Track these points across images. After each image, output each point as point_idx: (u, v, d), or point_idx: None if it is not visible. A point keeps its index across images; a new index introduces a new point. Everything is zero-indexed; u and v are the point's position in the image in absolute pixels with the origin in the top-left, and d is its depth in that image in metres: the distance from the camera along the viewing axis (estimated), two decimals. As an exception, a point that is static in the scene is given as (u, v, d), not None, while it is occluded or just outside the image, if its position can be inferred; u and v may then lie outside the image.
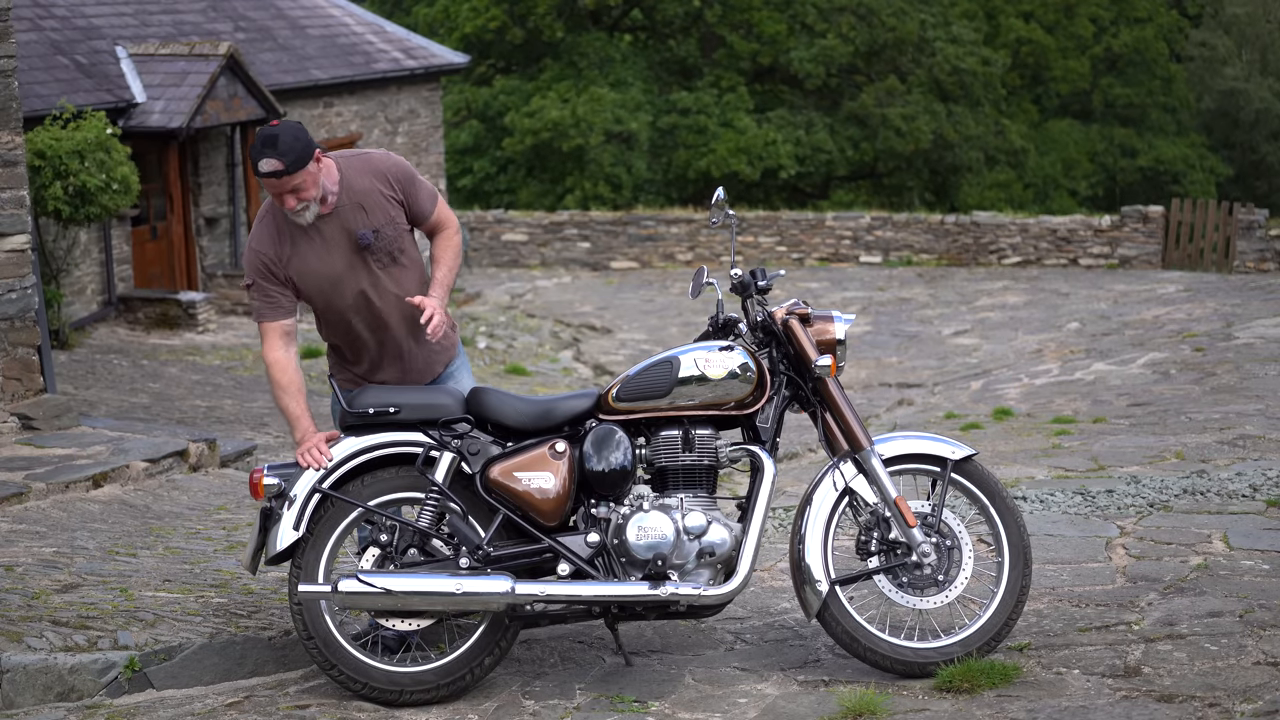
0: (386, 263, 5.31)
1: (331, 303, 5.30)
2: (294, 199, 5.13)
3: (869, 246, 25.01)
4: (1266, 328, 14.84)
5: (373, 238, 5.25)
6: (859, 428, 5.13)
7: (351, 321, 5.33)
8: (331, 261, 5.25)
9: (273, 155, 5.05)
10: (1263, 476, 7.66)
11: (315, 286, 5.27)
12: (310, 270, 5.24)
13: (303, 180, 5.11)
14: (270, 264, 5.23)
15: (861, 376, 15.73)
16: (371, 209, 5.27)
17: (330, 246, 5.24)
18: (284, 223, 5.24)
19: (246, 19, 20.75)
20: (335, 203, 5.24)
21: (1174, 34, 40.54)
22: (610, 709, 4.93)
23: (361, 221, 5.25)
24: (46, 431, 8.89)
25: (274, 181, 5.09)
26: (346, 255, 5.25)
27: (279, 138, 5.07)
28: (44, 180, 14.44)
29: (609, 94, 32.23)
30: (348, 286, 5.27)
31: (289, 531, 5.02)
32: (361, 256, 5.26)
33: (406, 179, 5.35)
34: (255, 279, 5.26)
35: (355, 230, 5.24)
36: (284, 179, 5.08)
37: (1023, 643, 5.26)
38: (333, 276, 5.25)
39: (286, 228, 5.24)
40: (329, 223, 5.24)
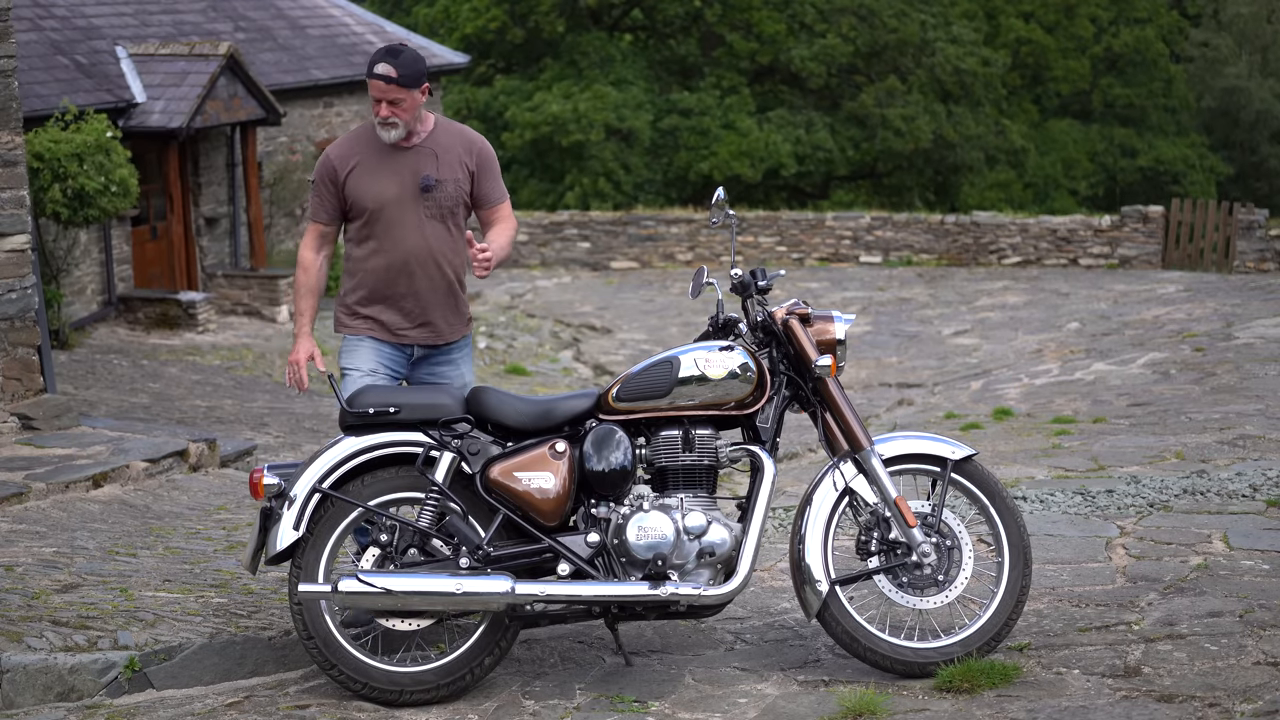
0: (435, 214, 5.56)
1: (373, 226, 5.54)
2: (389, 109, 5.43)
3: (869, 246, 25.01)
4: (1266, 328, 14.84)
5: (434, 184, 5.52)
6: (859, 428, 5.13)
7: (381, 248, 5.55)
8: (388, 185, 5.52)
9: (391, 62, 5.41)
10: (1263, 476, 7.66)
11: (362, 205, 5.54)
12: (365, 183, 5.51)
13: (404, 98, 5.43)
14: (334, 169, 5.54)
15: (861, 376, 15.73)
16: (444, 163, 5.56)
17: (393, 174, 5.52)
18: (364, 141, 5.56)
19: (246, 19, 20.75)
20: (416, 143, 5.55)
21: (1174, 34, 40.55)
22: (610, 709, 4.93)
23: (431, 167, 5.54)
24: (46, 431, 8.89)
25: (381, 86, 5.41)
26: (403, 188, 5.52)
27: (402, 52, 5.46)
28: (43, 183, 14.44)
29: (611, 91, 32.24)
30: (392, 213, 5.53)
31: (289, 531, 5.02)
32: (417, 197, 5.53)
33: (486, 159, 5.67)
34: (316, 178, 5.62)
35: (422, 172, 5.52)
36: (391, 87, 5.40)
37: (1023, 643, 5.26)
38: (382, 198, 5.53)
39: (364, 145, 5.56)
40: (403, 156, 5.53)
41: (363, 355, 5.64)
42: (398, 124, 5.47)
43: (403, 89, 5.42)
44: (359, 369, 5.61)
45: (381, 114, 5.45)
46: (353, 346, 5.68)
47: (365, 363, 5.61)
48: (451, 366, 5.76)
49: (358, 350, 5.66)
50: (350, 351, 5.69)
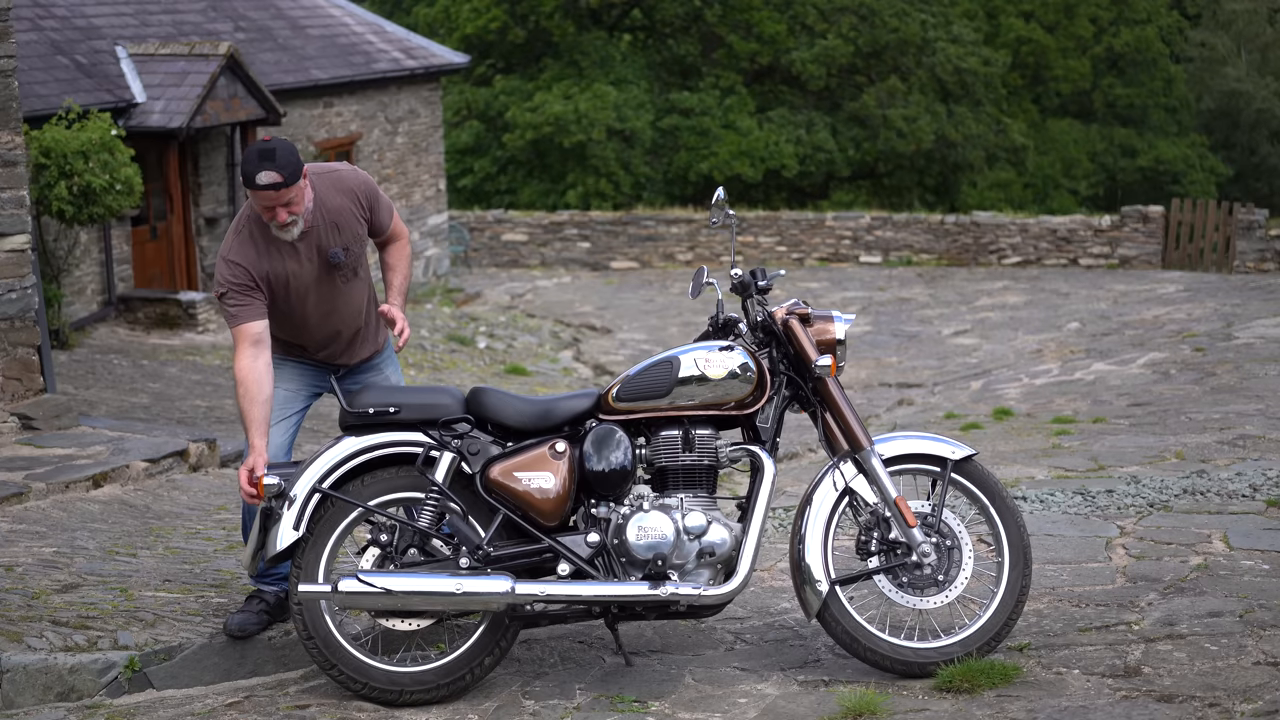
0: (350, 277, 5.50)
1: (295, 310, 5.44)
2: (286, 212, 5.21)
3: (869, 246, 25.02)
4: (1266, 328, 14.84)
5: (344, 256, 5.43)
6: (859, 428, 5.13)
7: (307, 326, 5.50)
8: (304, 276, 5.38)
9: (272, 168, 5.12)
10: (1263, 476, 7.66)
11: (284, 296, 5.39)
12: (283, 283, 5.36)
13: (295, 194, 5.21)
14: (248, 274, 5.29)
15: (861, 376, 15.73)
16: (343, 227, 5.43)
17: (304, 261, 5.37)
18: (261, 236, 5.33)
19: (246, 19, 20.75)
20: (311, 221, 5.36)
21: (1173, 34, 40.55)
22: (610, 709, 4.93)
23: (334, 240, 5.41)
24: (46, 431, 8.88)
25: (271, 194, 5.16)
26: (317, 270, 5.40)
27: (276, 151, 5.14)
28: (49, 179, 14.45)
29: (612, 92, 32.24)
30: (313, 298, 5.43)
31: (289, 531, 5.02)
32: (330, 272, 5.43)
33: (372, 196, 5.51)
34: (229, 288, 5.30)
35: (328, 248, 5.39)
36: (281, 191, 5.16)
37: (1023, 643, 5.26)
38: (302, 290, 5.40)
39: (263, 241, 5.33)
40: (304, 239, 5.36)
41: (284, 373, 5.56)
42: (297, 219, 5.26)
43: (292, 188, 5.18)
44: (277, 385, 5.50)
45: (281, 220, 5.21)
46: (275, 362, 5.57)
47: (284, 380, 5.55)
48: (375, 372, 5.75)
49: (280, 367, 5.55)
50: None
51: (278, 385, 5.49)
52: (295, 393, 5.63)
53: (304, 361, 5.65)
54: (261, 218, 5.30)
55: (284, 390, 5.59)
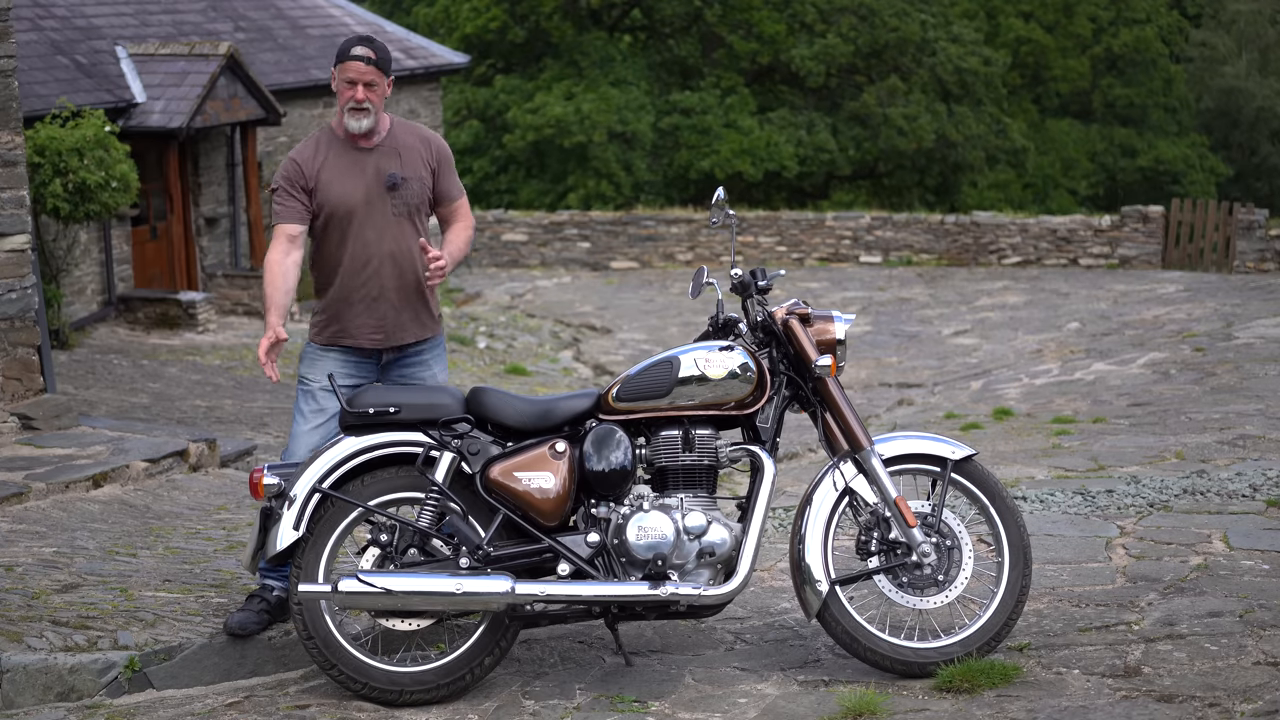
0: (402, 213, 5.55)
1: (343, 228, 5.52)
2: (364, 92, 5.42)
3: (869, 246, 25.01)
4: (1266, 328, 14.84)
5: (400, 181, 5.51)
6: (859, 428, 5.13)
7: (353, 254, 5.52)
8: (354, 187, 5.50)
9: (367, 45, 5.46)
10: (1263, 476, 7.66)
11: (332, 207, 5.51)
12: (334, 189, 5.49)
13: (376, 81, 5.44)
14: (300, 171, 5.50)
15: (861, 376, 15.73)
16: (407, 161, 5.56)
17: (359, 174, 5.50)
18: (327, 144, 5.54)
19: (246, 19, 20.75)
20: (378, 142, 5.54)
21: (1173, 34, 40.55)
22: (610, 709, 4.93)
23: (395, 165, 5.54)
24: (46, 431, 8.88)
25: (360, 67, 5.41)
26: (370, 188, 5.50)
27: (375, 40, 5.51)
28: (44, 177, 14.44)
29: (614, 93, 32.24)
30: (361, 217, 5.50)
31: (289, 531, 5.03)
32: (383, 196, 5.51)
33: (445, 157, 5.68)
34: (280, 183, 5.54)
35: (387, 170, 5.51)
36: (369, 69, 5.42)
37: (1023, 643, 5.26)
38: (351, 202, 5.50)
39: (327, 148, 5.53)
40: (366, 155, 5.52)
41: (327, 366, 5.57)
42: (369, 110, 5.45)
43: (378, 72, 5.44)
44: (317, 380, 5.57)
45: (357, 97, 5.41)
46: (315, 356, 5.63)
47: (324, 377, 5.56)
48: (423, 367, 5.71)
49: (321, 361, 5.60)
50: (313, 361, 5.63)
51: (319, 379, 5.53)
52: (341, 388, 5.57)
53: (347, 353, 5.59)
54: (333, 132, 5.53)
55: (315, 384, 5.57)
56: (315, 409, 5.56)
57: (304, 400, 5.60)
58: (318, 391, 5.56)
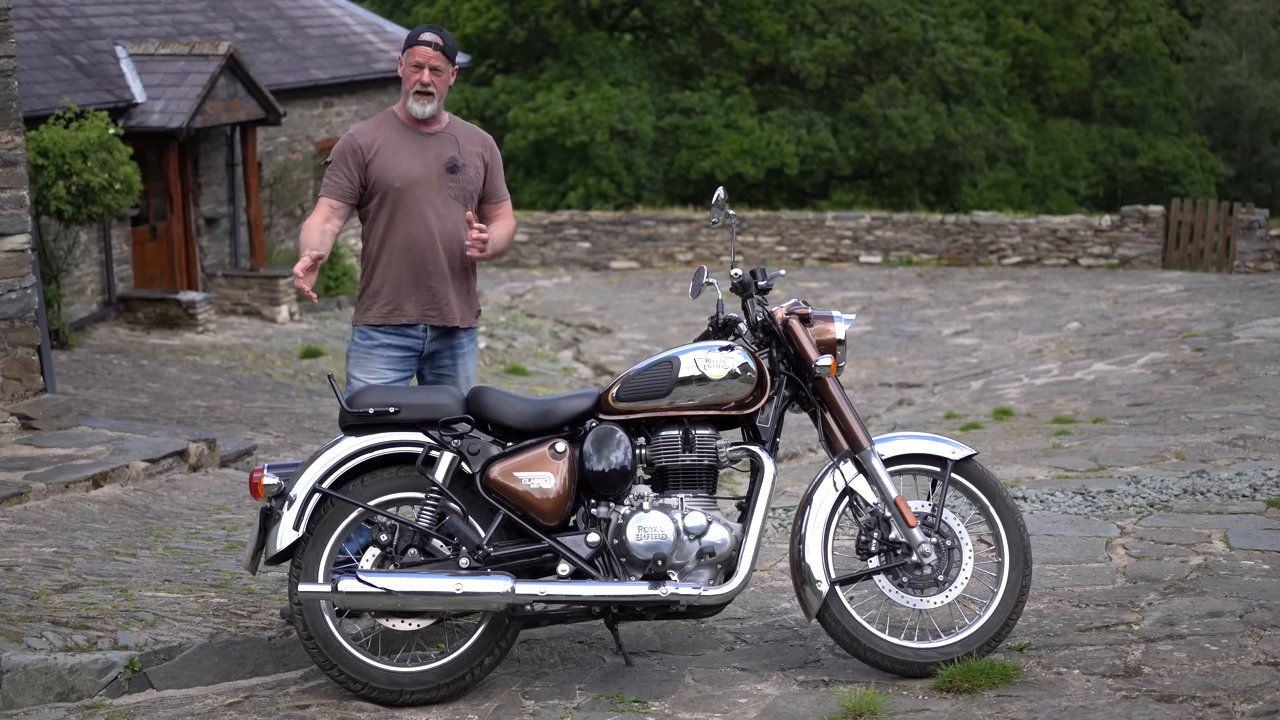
0: (459, 196, 5.66)
1: (396, 203, 5.59)
2: (431, 75, 5.56)
3: (869, 246, 25.01)
4: (1266, 328, 14.84)
5: (460, 165, 5.66)
6: (859, 428, 5.13)
7: (407, 228, 5.60)
8: (414, 165, 5.61)
9: (436, 32, 5.62)
10: (1263, 476, 7.66)
11: (388, 183, 5.59)
12: (391, 162, 5.59)
13: (443, 67, 5.59)
14: (356, 146, 5.61)
15: (861, 376, 15.73)
16: (465, 149, 5.71)
17: (420, 153, 5.62)
18: (388, 125, 5.66)
19: (246, 19, 20.75)
20: (439, 130, 5.69)
21: (1173, 34, 40.55)
22: (610, 709, 4.93)
23: (454, 150, 5.68)
24: (46, 431, 8.88)
25: (428, 51, 5.56)
26: (429, 167, 5.62)
27: (444, 30, 5.67)
28: (47, 179, 14.44)
29: (616, 93, 32.24)
30: (419, 192, 5.60)
31: (289, 531, 5.02)
32: (442, 177, 5.63)
33: (497, 156, 5.86)
34: (334, 157, 5.66)
35: (448, 153, 5.66)
36: (437, 54, 5.57)
37: (1023, 643, 5.26)
38: (410, 177, 5.59)
39: (390, 128, 5.65)
40: (427, 139, 5.66)
41: (373, 365, 5.67)
42: (434, 94, 5.59)
43: (444, 58, 5.59)
44: (366, 381, 5.64)
45: (423, 80, 5.55)
46: (364, 353, 5.71)
47: (375, 374, 5.66)
48: (460, 361, 5.81)
49: (369, 359, 5.69)
50: (360, 359, 5.71)
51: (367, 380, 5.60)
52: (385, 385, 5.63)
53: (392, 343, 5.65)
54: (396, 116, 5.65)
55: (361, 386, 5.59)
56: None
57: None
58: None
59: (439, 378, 5.80)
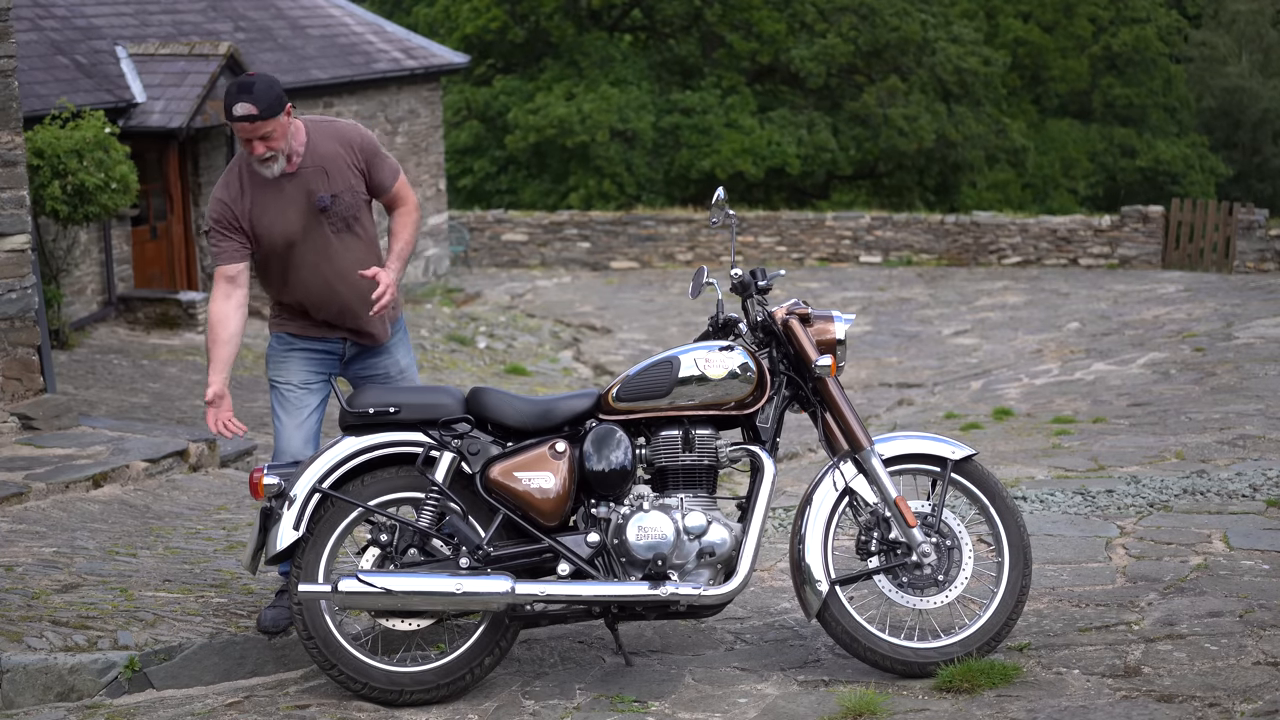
0: (341, 229, 5.48)
1: (284, 259, 5.45)
2: (263, 145, 5.30)
3: (869, 246, 25.02)
4: (1266, 328, 14.84)
5: (330, 201, 5.43)
6: (859, 428, 5.13)
7: (302, 281, 5.47)
8: (289, 219, 5.41)
9: (248, 100, 5.25)
10: (1263, 476, 7.66)
11: (270, 242, 5.42)
12: (267, 225, 5.41)
13: (273, 129, 5.29)
14: (230, 211, 5.41)
15: (861, 376, 15.73)
16: (333, 174, 5.45)
17: (289, 204, 5.41)
18: (249, 177, 5.42)
19: (246, 19, 20.75)
20: (299, 164, 5.42)
21: (1172, 34, 40.55)
22: (610, 709, 4.93)
23: (322, 185, 5.43)
24: (46, 431, 8.88)
25: (246, 126, 5.26)
26: (304, 215, 5.42)
27: (254, 85, 5.29)
28: (42, 180, 14.43)
29: (616, 93, 32.24)
30: (301, 246, 5.43)
31: (289, 531, 5.03)
32: (318, 219, 5.42)
33: (370, 150, 5.52)
34: (213, 225, 5.47)
35: (315, 192, 5.41)
36: (256, 124, 5.26)
37: (1023, 643, 5.26)
38: (288, 234, 5.42)
39: (250, 183, 5.42)
40: (291, 182, 5.41)
41: (293, 367, 5.60)
42: (276, 156, 5.35)
43: (268, 121, 5.27)
44: (290, 382, 5.59)
45: (257, 153, 5.31)
46: (281, 357, 5.63)
47: (295, 375, 5.59)
48: (387, 357, 5.72)
49: (287, 361, 5.61)
50: (280, 362, 5.64)
51: (288, 381, 5.53)
52: (306, 387, 5.59)
53: (310, 348, 5.59)
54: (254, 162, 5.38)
55: (297, 389, 5.58)
56: (293, 408, 5.56)
57: (278, 403, 5.62)
58: (288, 393, 5.57)
59: (371, 376, 5.71)
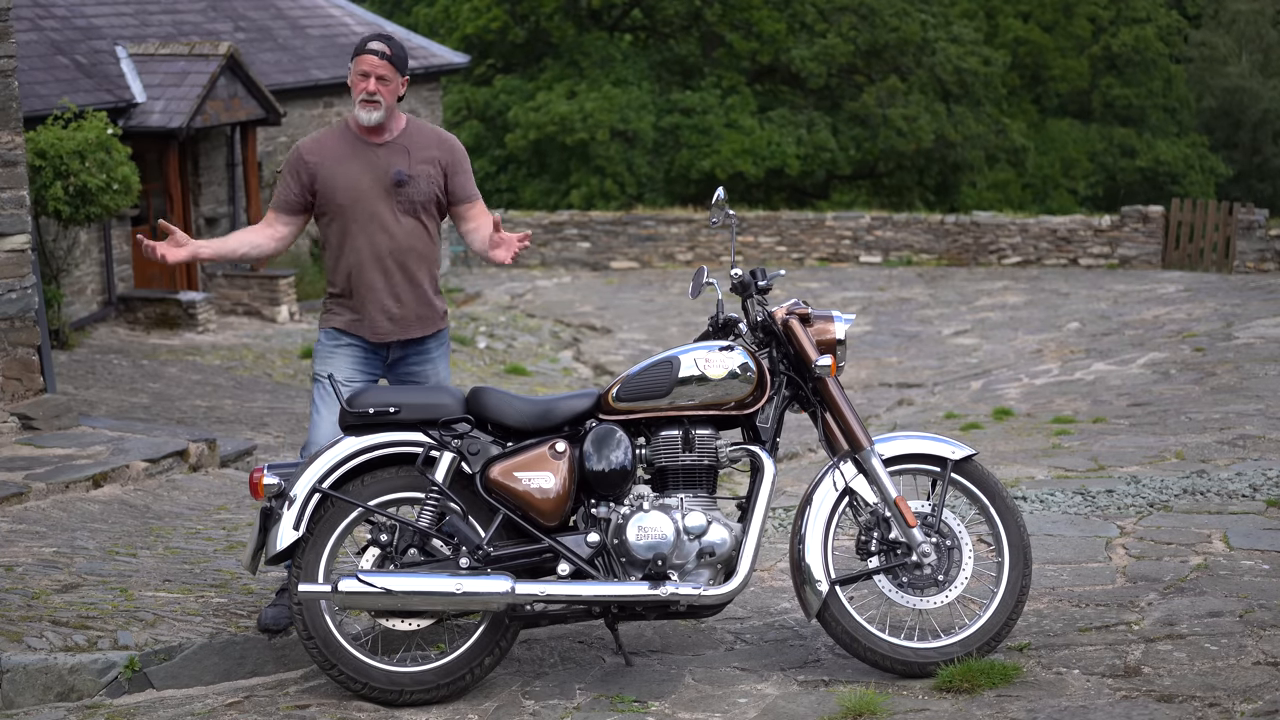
0: (408, 210, 5.58)
1: (344, 222, 5.56)
2: (375, 84, 5.47)
3: (869, 246, 25.01)
4: (1266, 328, 14.84)
5: (407, 179, 5.55)
6: (859, 428, 5.13)
7: (356, 249, 5.56)
8: (361, 182, 5.54)
9: (384, 42, 5.52)
10: (1263, 476, 7.66)
11: (334, 198, 5.54)
12: (338, 177, 5.54)
13: (389, 76, 5.49)
14: (301, 160, 5.57)
15: (861, 376, 15.73)
16: (416, 159, 5.59)
17: (366, 170, 5.54)
18: (337, 138, 5.60)
19: (246, 19, 20.76)
20: (388, 140, 5.58)
21: (1172, 34, 40.56)
22: (610, 709, 4.93)
23: (403, 162, 5.57)
24: (46, 431, 8.88)
25: (373, 60, 5.46)
26: (376, 183, 5.54)
27: (393, 39, 5.58)
28: (45, 180, 14.44)
29: (617, 93, 32.25)
30: (364, 209, 5.54)
31: (289, 531, 5.02)
32: (389, 192, 5.53)
33: (458, 157, 5.71)
34: (285, 169, 5.66)
35: (395, 167, 5.55)
36: (382, 62, 5.47)
37: (1023, 643, 5.26)
38: (355, 192, 5.53)
39: (336, 143, 5.58)
40: (375, 151, 5.56)
41: (338, 364, 5.64)
42: (380, 103, 5.48)
43: (392, 68, 5.48)
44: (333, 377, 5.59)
45: (368, 89, 5.46)
46: (328, 352, 5.68)
47: (340, 370, 5.62)
48: (429, 365, 5.75)
49: (333, 357, 5.66)
50: (325, 357, 5.68)
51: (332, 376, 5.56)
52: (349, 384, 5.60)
53: (356, 345, 5.64)
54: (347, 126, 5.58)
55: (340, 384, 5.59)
56: (334, 402, 5.58)
57: (319, 396, 5.65)
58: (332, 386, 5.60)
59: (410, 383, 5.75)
